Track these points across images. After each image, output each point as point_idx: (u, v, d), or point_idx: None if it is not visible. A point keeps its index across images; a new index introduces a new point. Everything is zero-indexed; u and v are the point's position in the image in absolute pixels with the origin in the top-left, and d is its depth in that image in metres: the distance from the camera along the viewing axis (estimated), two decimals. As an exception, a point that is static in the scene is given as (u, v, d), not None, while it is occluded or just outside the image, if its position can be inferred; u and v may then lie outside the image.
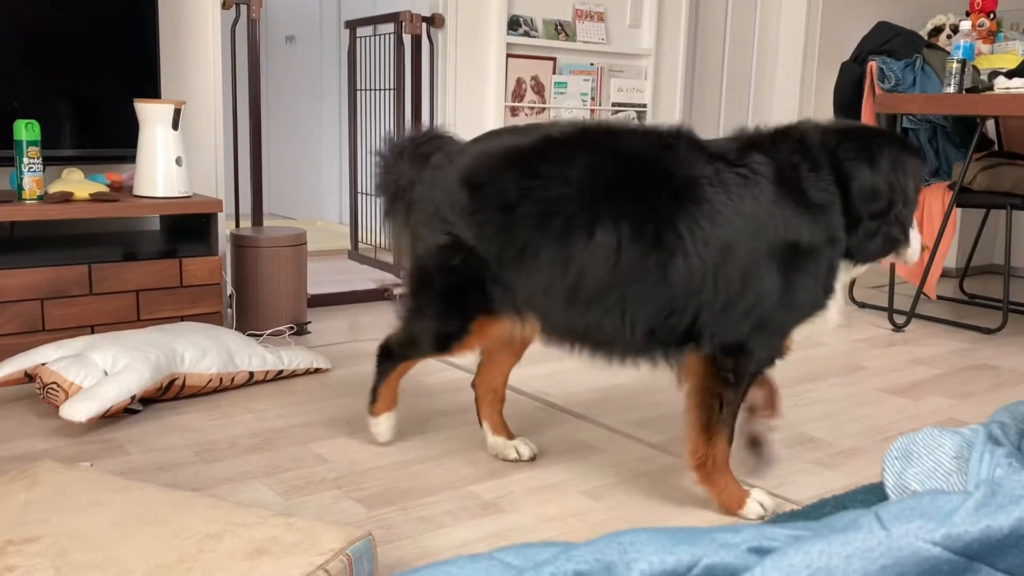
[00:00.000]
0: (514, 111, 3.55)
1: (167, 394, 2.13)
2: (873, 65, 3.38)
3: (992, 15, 3.65)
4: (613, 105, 3.83)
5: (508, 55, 3.51)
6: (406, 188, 1.77)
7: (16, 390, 2.23)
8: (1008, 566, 0.73)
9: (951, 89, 3.06)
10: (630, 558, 0.72)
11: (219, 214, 2.61)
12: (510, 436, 1.91)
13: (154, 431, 1.98)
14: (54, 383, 1.97)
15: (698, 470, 1.63)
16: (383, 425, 1.93)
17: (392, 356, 1.86)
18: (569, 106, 3.71)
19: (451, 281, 1.70)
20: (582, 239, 1.57)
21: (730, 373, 1.59)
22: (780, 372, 2.59)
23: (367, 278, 3.79)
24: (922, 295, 3.77)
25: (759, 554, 0.73)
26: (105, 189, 2.47)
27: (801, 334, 1.63)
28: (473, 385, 1.95)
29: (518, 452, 1.89)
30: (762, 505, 1.63)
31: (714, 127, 4.46)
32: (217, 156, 2.89)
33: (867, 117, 3.37)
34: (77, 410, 1.88)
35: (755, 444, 1.79)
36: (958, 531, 0.72)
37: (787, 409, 2.27)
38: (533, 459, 1.89)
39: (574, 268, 1.58)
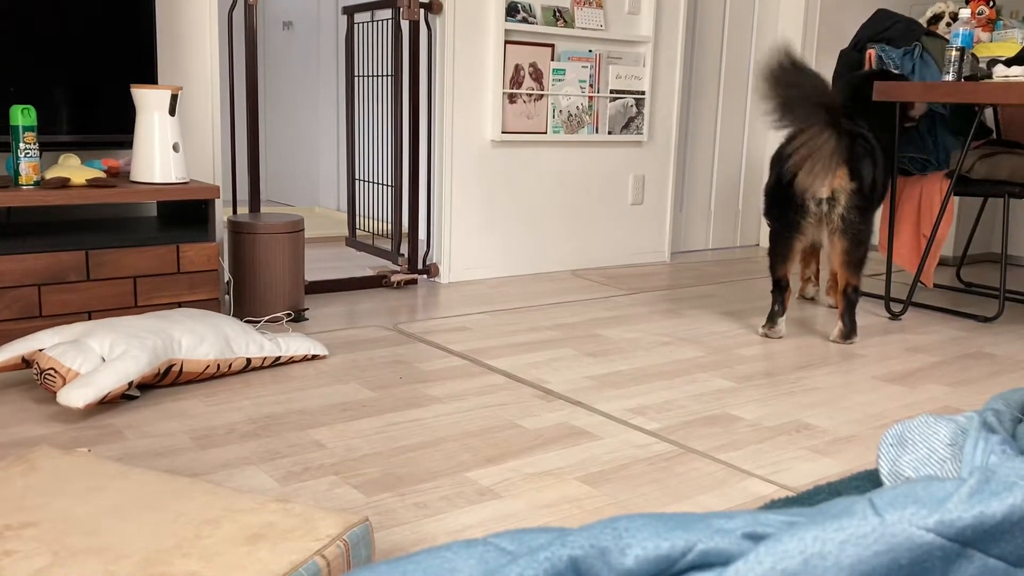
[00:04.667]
0: (512, 98, 3.54)
1: (164, 380, 2.14)
2: (872, 53, 3.37)
3: (992, 3, 3.64)
4: (611, 92, 3.83)
5: (506, 41, 3.50)
6: None
7: (14, 376, 2.24)
8: (1001, 552, 0.74)
9: (950, 77, 3.06)
10: (625, 543, 0.72)
11: (216, 200, 2.60)
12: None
13: (151, 417, 1.98)
14: (51, 369, 1.97)
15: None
16: None
17: None
18: (567, 93, 3.70)
19: None
20: None
21: None
22: (776, 359, 2.60)
23: (365, 265, 3.79)
24: (919, 283, 3.78)
25: (753, 540, 0.73)
26: (102, 175, 2.47)
27: None
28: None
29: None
30: None
31: (712, 114, 4.45)
32: (214, 142, 2.88)
33: (866, 105, 3.35)
34: (75, 396, 1.88)
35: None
36: (951, 517, 0.72)
37: (782, 396, 2.28)
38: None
39: None
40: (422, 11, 3.37)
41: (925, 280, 3.28)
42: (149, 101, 2.45)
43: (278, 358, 2.36)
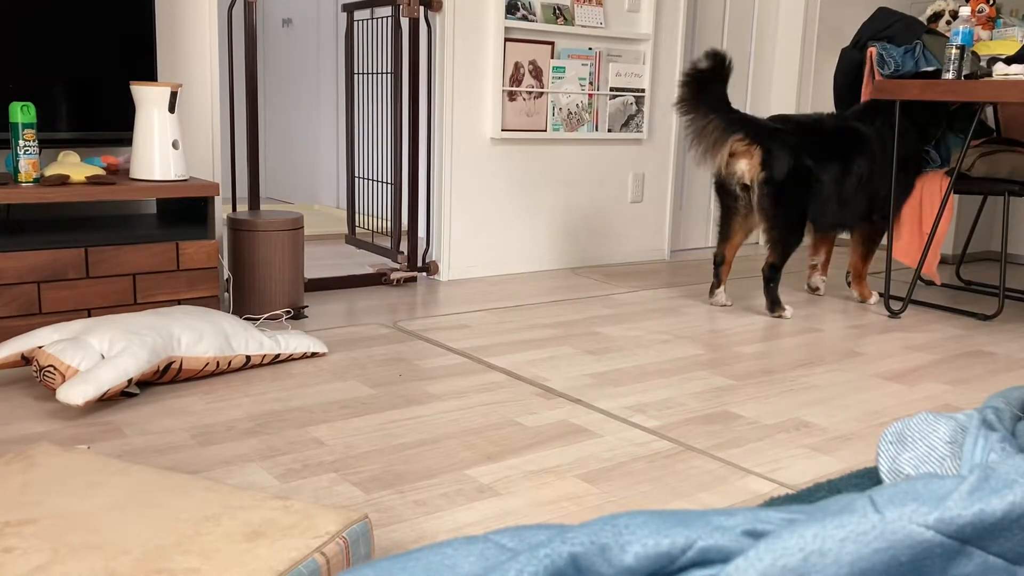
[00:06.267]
0: (512, 95, 3.54)
1: (164, 377, 2.14)
2: (873, 51, 3.37)
3: (992, 1, 3.64)
4: (611, 90, 3.82)
5: (506, 39, 3.49)
6: None
7: (13, 373, 2.23)
8: (1001, 550, 0.74)
9: (950, 75, 3.06)
10: (625, 540, 0.72)
11: (216, 198, 2.60)
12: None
13: (151, 414, 1.98)
14: (51, 366, 1.97)
15: (856, 278, 3.41)
16: None
17: None
18: (567, 91, 3.70)
19: None
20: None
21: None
22: (776, 357, 2.60)
23: (364, 262, 3.79)
24: (929, 281, 3.78)
25: (753, 537, 0.73)
26: (101, 172, 2.46)
27: None
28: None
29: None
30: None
31: (712, 112, 4.44)
32: (214, 139, 2.88)
33: (866, 103, 3.35)
34: (74, 393, 1.88)
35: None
36: (951, 515, 0.72)
37: (782, 394, 2.28)
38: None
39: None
40: (422, 8, 3.37)
41: (932, 277, 3.28)
42: (149, 98, 2.45)
43: (277, 355, 2.36)
